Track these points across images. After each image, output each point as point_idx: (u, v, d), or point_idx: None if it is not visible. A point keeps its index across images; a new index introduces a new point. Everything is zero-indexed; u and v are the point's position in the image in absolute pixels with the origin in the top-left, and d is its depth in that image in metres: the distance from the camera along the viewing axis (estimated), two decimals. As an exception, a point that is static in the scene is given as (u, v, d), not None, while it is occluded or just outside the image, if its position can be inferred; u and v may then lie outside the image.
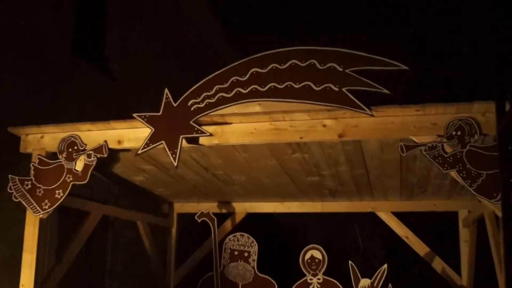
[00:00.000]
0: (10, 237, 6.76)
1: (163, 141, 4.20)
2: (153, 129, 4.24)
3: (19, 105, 6.69)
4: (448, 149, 3.88)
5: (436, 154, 3.90)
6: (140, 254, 7.90)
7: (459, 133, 3.85)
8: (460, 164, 3.84)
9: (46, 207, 4.54)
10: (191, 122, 4.15)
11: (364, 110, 3.88)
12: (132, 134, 4.49)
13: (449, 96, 4.12)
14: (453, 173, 3.87)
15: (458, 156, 3.85)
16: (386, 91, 3.83)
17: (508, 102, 2.21)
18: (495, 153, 3.66)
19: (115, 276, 9.50)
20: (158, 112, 4.28)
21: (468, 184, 3.82)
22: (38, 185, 4.58)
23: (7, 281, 6.76)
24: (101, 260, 9.42)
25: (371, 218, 7.61)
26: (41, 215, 4.57)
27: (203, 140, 4.26)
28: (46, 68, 7.02)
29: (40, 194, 4.56)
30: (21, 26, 6.55)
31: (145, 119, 4.27)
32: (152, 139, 4.23)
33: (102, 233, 9.22)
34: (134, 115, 4.30)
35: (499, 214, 4.02)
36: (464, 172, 3.83)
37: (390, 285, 5.82)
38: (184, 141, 4.19)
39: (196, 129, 4.14)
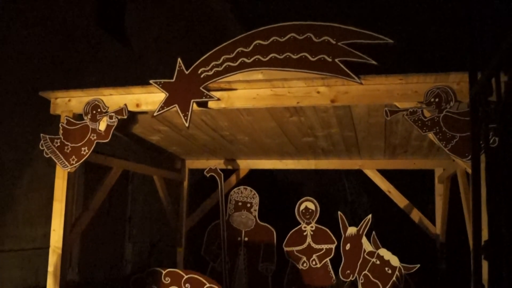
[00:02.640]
0: (44, 189, 6.86)
1: (176, 105, 4.22)
2: (167, 94, 4.26)
3: (49, 73, 6.70)
4: (427, 114, 3.90)
5: (416, 118, 3.92)
6: (156, 205, 8.01)
7: (437, 100, 3.87)
8: (437, 127, 3.87)
9: (73, 162, 4.59)
10: (201, 88, 4.16)
11: (354, 78, 3.89)
12: (149, 98, 4.50)
13: (429, 67, 4.11)
14: (431, 135, 3.90)
15: (436, 120, 3.87)
16: (373, 62, 3.84)
17: (479, 72, 2.21)
18: (468, 118, 3.70)
19: (134, 223, 9.65)
20: (172, 79, 4.28)
21: (443, 144, 3.86)
22: (66, 143, 4.62)
23: (42, 226, 6.90)
24: (122, 209, 9.55)
25: (358, 174, 7.66)
26: (69, 169, 4.62)
27: (211, 104, 4.28)
28: (72, 40, 7.00)
29: (68, 151, 4.60)
30: (50, 1, 6.50)
31: (160, 85, 4.28)
32: (167, 103, 4.25)
33: (123, 186, 9.32)
34: (151, 81, 4.31)
35: (470, 171, 4.07)
36: (440, 134, 3.86)
37: (373, 232, 5.90)
38: (194, 104, 4.20)
39: (205, 94, 4.15)
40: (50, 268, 4.62)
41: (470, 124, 2.29)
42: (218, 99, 4.21)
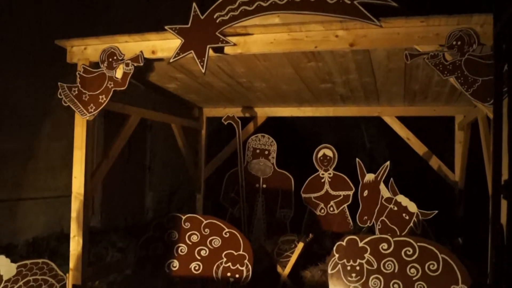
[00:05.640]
0: (64, 139, 6.95)
1: (192, 51, 4.17)
2: (183, 40, 4.20)
3: (66, 21, 6.66)
4: (449, 57, 3.81)
5: (437, 62, 3.83)
6: (175, 153, 8.07)
7: (459, 43, 3.76)
8: (459, 71, 3.78)
9: (92, 110, 4.61)
10: (217, 33, 4.09)
11: (373, 21, 3.78)
12: (164, 45, 4.44)
13: (452, 9, 3.97)
14: (452, 79, 3.82)
15: (457, 64, 3.78)
16: (394, 3, 3.71)
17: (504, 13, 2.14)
18: (491, 62, 3.60)
19: (154, 172, 9.79)
20: (187, 24, 4.21)
21: (465, 89, 3.78)
22: (84, 91, 4.63)
23: (64, 174, 7.03)
24: (142, 158, 9.67)
25: (377, 121, 7.59)
26: (87, 117, 4.65)
27: (227, 49, 4.21)
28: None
29: (86, 99, 4.62)
30: None
31: (176, 31, 4.21)
32: (182, 49, 4.20)
33: (142, 135, 9.41)
34: (166, 27, 4.25)
35: (491, 116, 3.99)
36: (462, 78, 3.78)
37: (391, 179, 5.89)
38: (210, 50, 4.15)
39: (221, 39, 4.09)
40: (73, 214, 4.72)
41: (493, 66, 2.22)
42: (234, 44, 4.15)
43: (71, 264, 4.66)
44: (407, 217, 5.67)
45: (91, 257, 6.13)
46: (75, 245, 4.69)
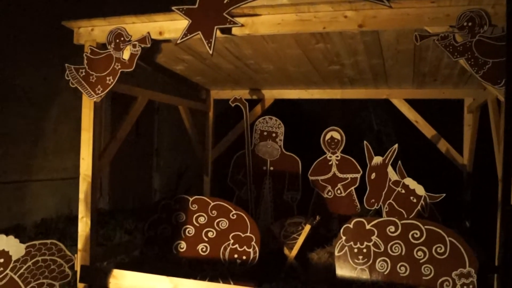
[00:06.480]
0: (72, 121, 6.96)
1: (199, 32, 4.12)
2: (190, 21, 4.15)
3: (73, 2, 6.63)
4: (459, 39, 3.75)
5: (447, 43, 3.77)
6: (182, 135, 8.08)
7: (470, 24, 3.70)
8: (469, 53, 3.72)
9: (99, 91, 4.60)
10: (224, 14, 4.05)
11: (383, 1, 3.72)
12: (172, 26, 4.40)
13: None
14: (462, 61, 3.76)
15: (468, 45, 3.72)
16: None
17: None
18: (502, 43, 3.55)
19: (161, 154, 9.82)
20: (195, 5, 4.17)
21: (475, 71, 3.72)
22: (91, 72, 4.62)
23: (72, 156, 7.06)
24: (149, 140, 9.70)
25: (385, 104, 7.54)
26: (95, 99, 4.64)
27: (235, 30, 4.17)
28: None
29: (93, 81, 4.61)
30: None
31: (183, 12, 4.17)
32: (190, 30, 4.16)
33: (149, 118, 9.42)
34: (173, 8, 4.20)
35: (502, 98, 3.95)
36: (472, 60, 3.72)
37: (399, 162, 5.87)
38: (218, 31, 4.10)
39: (229, 20, 4.04)
40: (81, 196, 4.75)
41: (504, 48, 2.18)
42: (242, 25, 4.10)
43: (80, 245, 4.70)
44: (414, 200, 5.66)
45: (99, 238, 6.19)
46: (83, 226, 4.72)
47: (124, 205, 8.79)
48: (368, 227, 4.39)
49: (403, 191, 5.73)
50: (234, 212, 4.95)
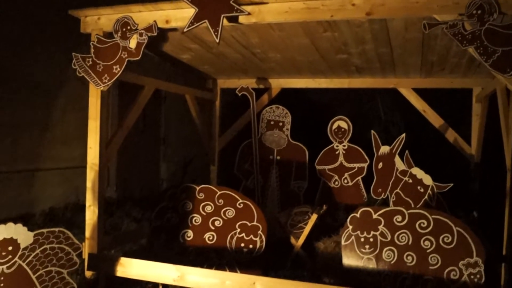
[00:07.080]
0: (79, 110, 6.97)
1: (206, 20, 4.10)
2: (197, 9, 4.13)
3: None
4: (468, 27, 3.71)
5: (456, 32, 3.73)
6: (189, 124, 8.09)
7: (479, 12, 3.66)
8: (478, 41, 3.69)
9: (106, 80, 4.60)
10: (231, 2, 4.02)
11: (391, -11, 3.69)
12: (178, 14, 4.38)
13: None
14: (471, 49, 3.72)
15: (477, 34, 3.68)
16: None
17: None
18: (512, 31, 3.51)
19: (168, 143, 9.84)
20: (201, -7, 4.15)
21: (484, 59, 3.68)
22: (98, 61, 4.61)
23: (79, 144, 7.08)
24: (156, 130, 9.71)
25: (393, 93, 7.50)
26: (102, 88, 4.64)
27: (242, 18, 4.14)
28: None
29: (100, 69, 4.60)
30: None
31: (190, 0, 4.15)
32: (196, 18, 4.14)
33: (156, 107, 9.43)
34: (180, -4, 4.19)
35: (511, 87, 3.92)
36: (481, 48, 3.69)
37: (407, 151, 5.85)
38: (225, 19, 4.08)
39: (235, 8, 4.02)
40: (88, 184, 4.77)
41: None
42: (249, 14, 4.08)
43: (87, 233, 4.73)
44: (422, 190, 5.65)
45: (107, 226, 6.23)
46: (91, 214, 4.75)
47: (131, 194, 8.83)
48: (375, 216, 4.39)
49: (410, 181, 5.72)
50: (241, 201, 4.95)
